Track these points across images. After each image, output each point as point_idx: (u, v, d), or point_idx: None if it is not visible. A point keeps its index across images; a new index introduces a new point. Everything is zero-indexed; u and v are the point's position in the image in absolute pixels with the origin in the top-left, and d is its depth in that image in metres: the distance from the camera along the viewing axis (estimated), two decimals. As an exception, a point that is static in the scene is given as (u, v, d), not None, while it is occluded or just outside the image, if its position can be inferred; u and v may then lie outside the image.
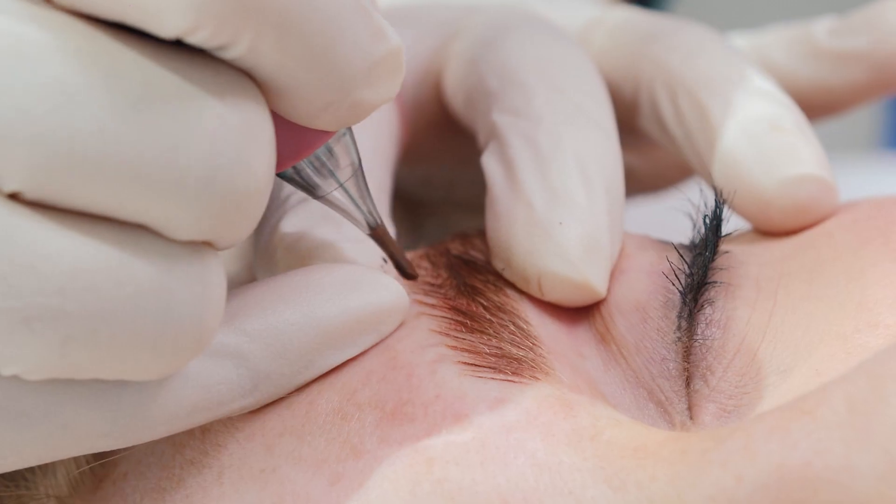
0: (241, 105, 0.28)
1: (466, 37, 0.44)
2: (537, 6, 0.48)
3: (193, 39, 0.27)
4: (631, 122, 0.45)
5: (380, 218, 0.36)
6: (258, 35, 0.28)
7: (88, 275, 0.27)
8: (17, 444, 0.29)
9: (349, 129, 0.34)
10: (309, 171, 0.34)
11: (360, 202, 0.35)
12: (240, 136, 0.28)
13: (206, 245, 0.29)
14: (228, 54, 0.28)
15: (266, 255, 0.37)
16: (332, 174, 0.34)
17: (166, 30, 0.27)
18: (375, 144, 0.41)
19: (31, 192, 0.26)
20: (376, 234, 0.36)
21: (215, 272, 0.30)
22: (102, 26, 0.27)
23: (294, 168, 0.34)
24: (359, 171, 0.35)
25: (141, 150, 0.27)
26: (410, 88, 0.46)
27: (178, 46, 0.28)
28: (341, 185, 0.35)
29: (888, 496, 0.27)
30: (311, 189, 0.35)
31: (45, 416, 0.29)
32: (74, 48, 0.26)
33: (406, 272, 0.37)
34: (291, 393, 0.34)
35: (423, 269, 0.38)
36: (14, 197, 0.27)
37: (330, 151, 0.34)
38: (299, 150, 0.33)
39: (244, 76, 0.29)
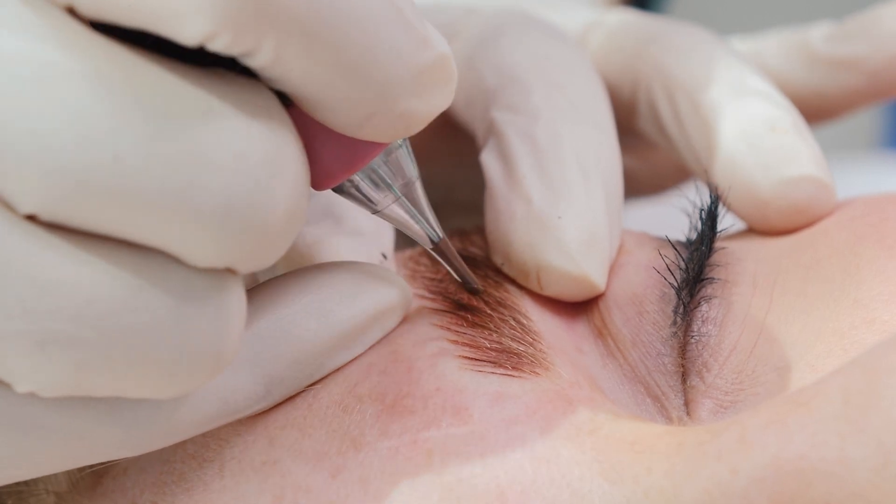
0: (264, 132, 0.28)
1: (465, 38, 0.44)
2: (535, 9, 0.48)
3: (215, 46, 0.26)
4: (629, 123, 0.45)
5: (442, 231, 0.35)
6: (282, 41, 0.27)
7: (104, 302, 0.27)
8: (32, 455, 0.29)
9: (405, 140, 0.33)
10: (365, 185, 0.33)
11: (418, 216, 0.35)
12: (260, 163, 0.27)
13: (228, 271, 0.29)
14: (254, 62, 0.27)
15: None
16: (390, 187, 0.33)
17: (186, 36, 0.26)
18: None
19: (47, 215, 0.26)
20: (438, 248, 0.36)
21: (236, 300, 0.29)
22: (125, 44, 0.27)
23: (350, 181, 0.33)
24: (416, 184, 0.34)
25: (159, 177, 0.26)
26: None
27: (202, 67, 0.27)
28: (400, 198, 0.34)
29: (882, 488, 0.27)
30: (368, 203, 0.34)
31: (61, 428, 0.29)
32: (95, 71, 0.26)
33: (470, 286, 0.37)
34: None
35: (424, 266, 0.38)
36: (31, 219, 0.26)
37: (386, 164, 0.33)
38: (352, 162, 0.32)
39: (271, 98, 0.28)
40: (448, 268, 0.36)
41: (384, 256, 0.37)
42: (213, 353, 0.28)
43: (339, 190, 0.33)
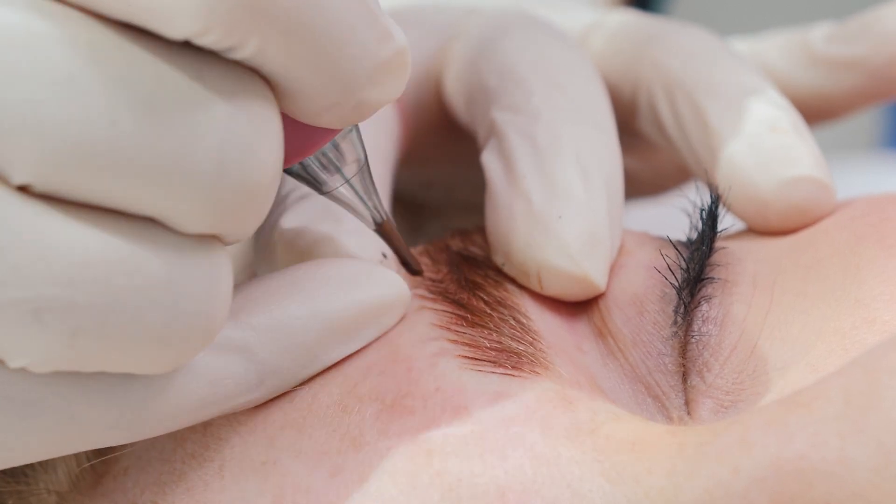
0: (250, 100, 0.29)
1: (466, 38, 0.44)
2: (537, 10, 0.48)
3: (202, 42, 0.27)
4: (630, 124, 0.45)
5: (385, 213, 0.36)
6: (266, 38, 0.28)
7: (98, 266, 0.27)
8: (24, 436, 0.29)
9: (356, 126, 0.34)
10: (315, 168, 0.34)
11: (365, 198, 0.36)
12: (250, 130, 0.28)
13: (215, 239, 0.29)
14: (236, 55, 0.28)
15: (266, 252, 0.38)
16: (339, 170, 0.35)
17: (175, 32, 0.27)
18: (376, 146, 0.41)
19: (40, 185, 0.27)
20: (382, 229, 0.36)
21: (223, 266, 0.30)
22: (113, 24, 0.27)
23: (301, 164, 0.34)
24: (365, 168, 0.35)
25: (151, 144, 0.27)
26: (411, 91, 0.46)
27: (187, 44, 0.28)
28: (347, 181, 0.35)
29: (883, 488, 0.27)
30: (317, 185, 0.35)
31: (52, 407, 0.29)
32: (86, 42, 0.26)
33: (412, 268, 0.37)
34: (294, 386, 0.34)
35: (424, 265, 0.38)
36: (24, 190, 0.27)
37: (336, 148, 0.34)
38: (305, 147, 0.33)
39: (253, 73, 0.29)
40: (390, 248, 0.37)
41: (384, 256, 0.37)
42: (203, 317, 0.29)
43: (289, 171, 0.34)
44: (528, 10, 0.46)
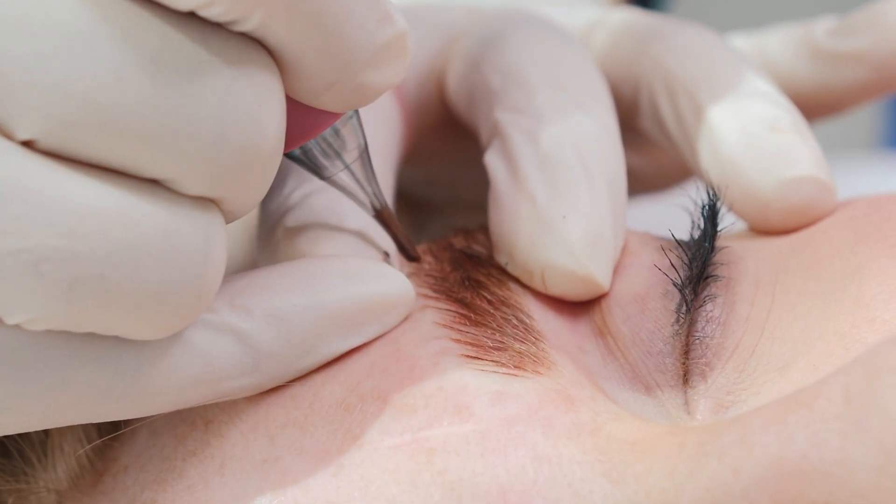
0: (253, 68, 0.29)
1: (469, 37, 0.44)
2: (540, 8, 0.48)
3: (207, 13, 0.28)
4: (631, 122, 0.45)
5: (384, 200, 0.37)
6: (269, 12, 0.28)
7: (97, 217, 0.27)
8: (18, 398, 0.29)
9: (356, 112, 0.35)
10: (315, 152, 0.35)
11: (365, 184, 0.36)
12: (252, 95, 0.29)
13: (213, 204, 0.30)
14: (239, 28, 0.29)
15: (269, 251, 0.38)
16: (339, 156, 0.35)
17: (181, 4, 0.27)
18: (378, 141, 0.41)
19: (44, 141, 0.27)
20: (381, 216, 0.37)
21: (219, 230, 0.30)
22: None
23: (301, 149, 0.34)
24: (365, 154, 0.35)
25: (155, 103, 0.27)
26: (414, 89, 0.46)
27: (192, 14, 0.28)
28: (347, 167, 0.35)
29: (884, 488, 0.28)
30: (317, 170, 0.35)
31: (46, 368, 0.29)
32: (95, 1, 0.27)
33: (409, 254, 0.38)
34: (295, 384, 0.34)
35: (427, 264, 0.38)
36: (28, 145, 0.27)
37: (337, 133, 0.34)
38: (306, 130, 0.33)
39: (257, 43, 0.30)
40: (389, 236, 0.37)
41: (387, 254, 0.37)
42: (196, 280, 0.29)
43: (290, 156, 0.35)
44: (531, 9, 0.46)
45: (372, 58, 0.31)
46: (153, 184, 0.29)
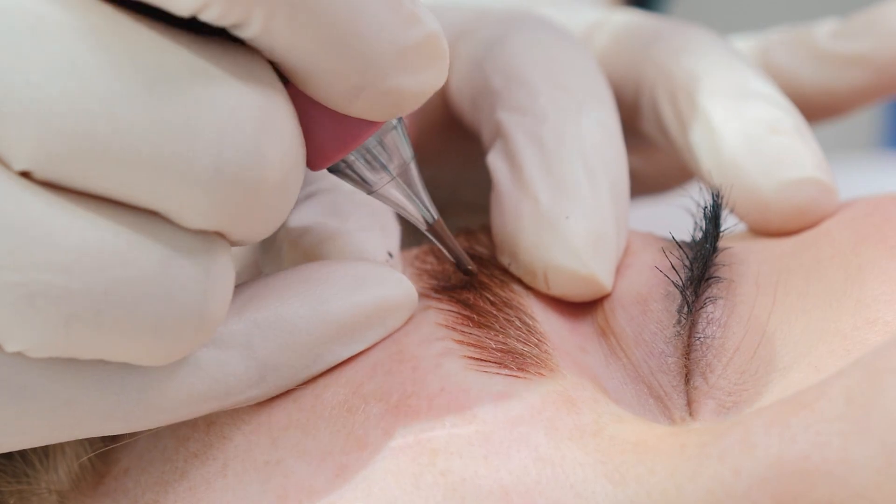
0: (255, 94, 0.29)
1: (471, 38, 0.44)
2: (542, 9, 0.48)
3: (206, 16, 0.27)
4: (632, 124, 0.45)
5: (436, 213, 0.36)
6: (270, 13, 0.28)
7: (94, 254, 0.27)
8: (20, 419, 0.29)
9: (399, 121, 0.34)
10: (360, 165, 0.34)
11: (414, 197, 0.35)
12: (252, 125, 0.28)
13: (218, 236, 0.30)
14: (244, 33, 0.28)
15: (272, 251, 0.38)
16: (385, 168, 0.34)
17: (180, 7, 0.27)
18: None
19: (40, 172, 0.27)
20: (433, 229, 0.36)
21: (223, 264, 0.30)
22: (121, 7, 0.27)
23: (345, 162, 0.33)
24: (411, 165, 0.34)
25: (151, 135, 0.27)
26: None
27: (196, 33, 0.28)
28: (395, 179, 0.34)
29: (886, 488, 0.28)
30: (364, 184, 0.34)
31: (48, 392, 0.29)
32: (90, 27, 0.27)
33: (464, 268, 0.37)
34: (298, 386, 0.34)
35: (429, 264, 0.38)
36: (25, 176, 0.27)
37: (381, 144, 0.33)
38: (346, 142, 0.32)
39: (264, 65, 0.29)
40: (443, 249, 0.37)
41: (390, 255, 0.37)
42: (197, 313, 0.29)
43: (334, 170, 0.34)
44: (534, 10, 0.46)
45: (399, 60, 0.30)
46: (153, 216, 0.28)
